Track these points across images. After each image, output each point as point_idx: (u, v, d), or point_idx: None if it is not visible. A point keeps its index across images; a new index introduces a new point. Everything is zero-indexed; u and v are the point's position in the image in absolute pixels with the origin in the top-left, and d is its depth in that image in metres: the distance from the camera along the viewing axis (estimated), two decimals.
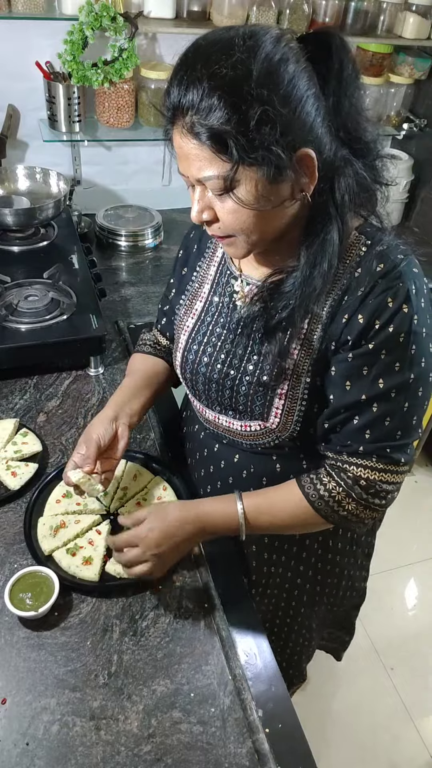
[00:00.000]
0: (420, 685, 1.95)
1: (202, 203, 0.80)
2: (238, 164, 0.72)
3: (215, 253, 1.03)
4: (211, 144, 0.72)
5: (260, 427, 0.95)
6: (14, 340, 1.32)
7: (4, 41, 1.71)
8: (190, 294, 1.04)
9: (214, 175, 0.74)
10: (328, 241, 0.82)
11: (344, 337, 0.84)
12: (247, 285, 0.95)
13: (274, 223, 0.81)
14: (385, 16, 1.94)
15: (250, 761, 0.79)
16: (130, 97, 1.84)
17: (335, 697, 1.88)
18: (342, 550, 1.14)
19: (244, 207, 0.76)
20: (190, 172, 0.77)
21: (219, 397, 0.98)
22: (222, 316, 0.98)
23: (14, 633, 0.89)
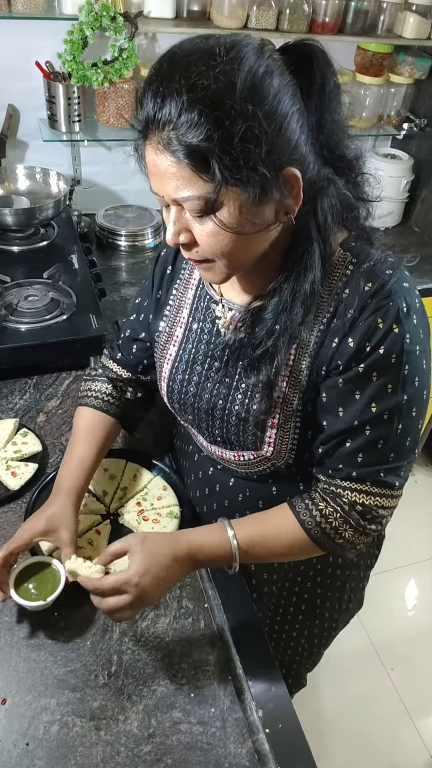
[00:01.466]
0: (420, 685, 1.95)
1: (178, 225, 0.74)
2: (220, 185, 0.67)
3: (192, 275, 0.97)
4: (190, 162, 0.66)
5: (254, 456, 0.93)
6: (14, 340, 1.32)
7: (4, 41, 1.71)
8: (169, 320, 0.99)
9: (193, 195, 0.69)
10: (310, 266, 0.78)
11: (335, 362, 0.80)
12: (230, 310, 0.91)
13: (256, 247, 0.76)
14: (385, 16, 1.94)
15: (250, 761, 0.79)
16: (130, 97, 1.84)
17: (335, 697, 1.88)
18: (343, 564, 1.13)
19: (226, 230, 0.71)
20: (166, 192, 0.71)
21: (209, 427, 0.94)
22: (203, 344, 0.94)
23: (14, 633, 0.89)
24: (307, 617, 1.19)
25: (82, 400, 1.08)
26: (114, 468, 1.12)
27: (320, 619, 1.21)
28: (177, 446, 1.20)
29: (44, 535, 0.91)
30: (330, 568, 1.12)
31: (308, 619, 1.19)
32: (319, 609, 1.18)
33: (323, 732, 1.77)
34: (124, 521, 1.05)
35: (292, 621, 1.19)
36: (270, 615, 1.17)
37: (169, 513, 1.05)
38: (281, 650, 1.24)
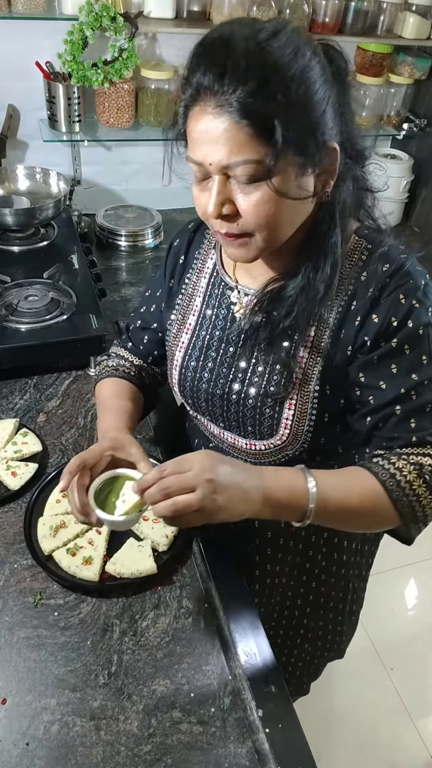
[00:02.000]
0: (420, 685, 1.95)
1: (222, 195, 0.74)
2: (281, 149, 0.69)
3: (204, 264, 1.00)
4: (251, 125, 0.68)
5: (265, 446, 0.94)
6: (14, 340, 1.32)
7: (4, 41, 1.71)
8: (182, 308, 1.00)
9: (249, 159, 0.70)
10: (330, 245, 0.81)
11: (361, 339, 0.84)
12: (245, 296, 0.93)
13: (294, 220, 0.79)
14: (385, 16, 1.95)
15: (250, 761, 0.79)
16: (130, 97, 1.84)
17: (335, 697, 1.88)
18: (347, 562, 1.13)
19: (279, 195, 0.72)
20: (217, 157, 0.71)
21: (224, 412, 0.95)
22: (218, 330, 0.95)
23: (14, 633, 0.89)
24: (312, 619, 1.19)
25: (100, 376, 1.09)
26: None
27: (324, 621, 1.21)
28: (183, 441, 1.20)
29: (113, 450, 0.87)
30: (335, 566, 1.12)
31: (312, 621, 1.19)
32: (323, 610, 1.18)
33: (323, 732, 1.77)
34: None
35: (296, 626, 1.19)
36: (276, 617, 1.16)
37: None
38: (285, 655, 1.23)
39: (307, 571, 1.11)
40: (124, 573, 0.95)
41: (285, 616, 1.17)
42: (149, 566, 0.96)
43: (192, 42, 0.74)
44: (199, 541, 1.04)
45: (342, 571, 1.14)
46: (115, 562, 0.97)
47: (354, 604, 1.23)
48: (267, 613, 1.15)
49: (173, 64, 1.87)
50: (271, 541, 1.08)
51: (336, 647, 1.30)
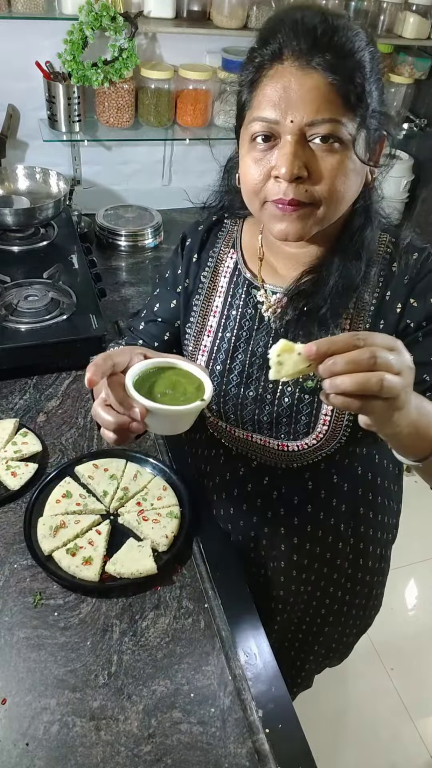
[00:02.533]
0: (420, 685, 1.95)
1: (299, 157, 0.72)
2: (367, 116, 0.73)
3: (223, 262, 0.97)
4: (345, 86, 0.70)
5: (299, 447, 0.93)
6: (14, 340, 1.32)
7: (4, 41, 1.71)
8: (200, 309, 0.98)
9: (336, 119, 0.71)
10: (365, 237, 0.84)
11: (403, 324, 0.86)
12: (273, 294, 0.92)
13: (351, 198, 0.79)
14: (385, 16, 1.95)
15: (250, 761, 0.79)
16: (130, 96, 1.84)
17: (335, 697, 1.88)
18: (372, 568, 1.13)
19: (357, 165, 0.75)
20: (299, 114, 0.70)
21: (256, 415, 0.93)
22: (244, 330, 0.94)
23: (14, 633, 0.89)
24: (332, 626, 1.19)
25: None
26: (114, 468, 1.12)
27: (344, 626, 1.21)
28: (190, 452, 1.17)
29: (150, 354, 0.74)
30: (360, 572, 1.12)
31: (332, 627, 1.19)
32: (344, 616, 1.18)
33: (323, 732, 1.77)
34: (124, 521, 1.05)
35: (317, 632, 1.19)
36: (296, 623, 1.16)
37: (169, 513, 1.05)
38: (303, 655, 1.23)
39: (333, 581, 1.10)
40: (124, 573, 0.95)
41: (307, 622, 1.16)
42: (149, 566, 0.96)
43: (192, 42, 0.75)
44: (199, 541, 1.04)
45: (367, 578, 1.14)
46: (115, 562, 0.97)
47: (374, 610, 1.24)
48: (289, 620, 1.14)
49: (173, 64, 1.87)
50: (298, 546, 1.06)
51: (348, 646, 1.31)
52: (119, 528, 1.04)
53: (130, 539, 1.01)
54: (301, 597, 1.12)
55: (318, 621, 1.17)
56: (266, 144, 0.75)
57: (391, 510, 1.13)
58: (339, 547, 1.07)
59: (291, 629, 1.17)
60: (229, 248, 0.99)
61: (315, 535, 1.05)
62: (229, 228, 1.01)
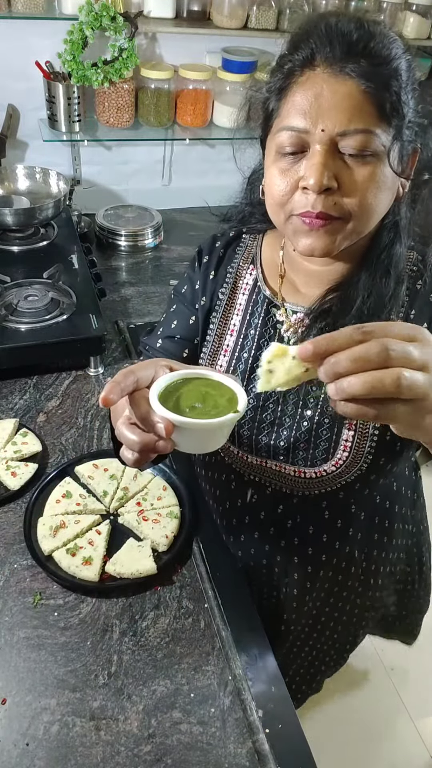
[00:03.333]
0: (420, 685, 1.95)
1: (330, 167, 0.68)
2: (403, 128, 0.69)
3: (241, 278, 0.93)
4: (380, 95, 0.66)
5: (317, 474, 0.89)
6: (14, 340, 1.31)
7: (4, 41, 1.71)
8: (216, 327, 0.93)
9: (370, 129, 0.67)
10: (395, 253, 0.79)
11: None
12: (294, 314, 0.87)
13: (384, 210, 0.75)
14: (385, 16, 1.94)
15: (250, 761, 0.79)
16: (130, 96, 1.84)
17: (335, 697, 1.88)
18: (382, 586, 1.13)
19: (389, 179, 0.71)
20: (331, 123, 0.66)
21: (271, 440, 0.89)
22: (263, 351, 0.90)
23: (14, 633, 0.89)
24: (342, 634, 1.19)
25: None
26: (114, 468, 1.12)
27: (356, 627, 1.21)
28: (200, 473, 1.14)
29: (175, 365, 0.65)
30: (370, 591, 1.12)
31: (342, 635, 1.19)
32: (353, 627, 1.18)
33: (323, 732, 1.77)
34: (124, 521, 1.05)
35: (327, 638, 1.19)
36: (307, 631, 1.15)
37: (169, 513, 1.05)
38: (316, 663, 1.23)
39: (342, 597, 1.10)
40: (124, 573, 0.95)
41: (318, 630, 1.16)
42: (149, 566, 0.96)
43: (192, 42, 0.74)
44: (199, 541, 1.04)
45: (377, 594, 1.14)
46: (115, 562, 0.97)
47: (379, 617, 1.25)
48: (299, 624, 1.14)
49: (173, 64, 1.87)
50: (312, 575, 1.05)
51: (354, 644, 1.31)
52: (119, 528, 1.04)
53: (130, 539, 1.01)
54: (312, 617, 1.12)
55: (327, 633, 1.17)
56: (293, 156, 0.71)
57: (406, 532, 1.12)
58: (351, 571, 1.06)
59: (301, 645, 1.17)
60: (248, 264, 0.94)
61: (329, 562, 1.03)
62: (248, 243, 0.96)
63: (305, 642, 1.17)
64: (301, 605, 1.08)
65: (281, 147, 0.71)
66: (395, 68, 0.68)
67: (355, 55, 0.66)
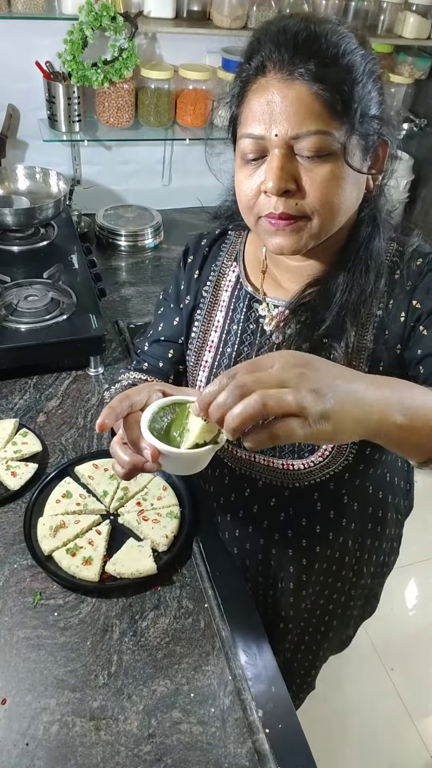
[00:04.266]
0: (420, 685, 1.95)
1: (285, 170, 0.70)
2: (354, 127, 0.69)
3: (224, 276, 0.95)
4: (330, 98, 0.67)
5: (304, 466, 0.91)
6: (14, 340, 1.32)
7: (4, 41, 1.71)
8: (201, 324, 0.96)
9: (323, 130, 0.68)
10: (374, 247, 0.80)
11: (408, 327, 0.83)
12: (275, 308, 0.89)
13: (348, 210, 0.76)
14: (385, 16, 1.95)
15: (250, 761, 0.79)
16: (130, 96, 1.84)
17: (335, 697, 1.88)
18: (373, 573, 1.15)
19: (352, 173, 0.72)
20: (284, 127, 0.69)
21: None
22: (245, 345, 0.91)
23: (14, 633, 0.89)
24: (336, 630, 1.20)
25: (114, 395, 0.97)
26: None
27: (345, 626, 1.22)
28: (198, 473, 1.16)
29: (167, 388, 0.73)
30: (362, 579, 1.13)
31: (335, 630, 1.20)
32: (347, 618, 1.20)
33: (323, 732, 1.77)
34: (124, 521, 1.05)
35: (321, 639, 1.20)
36: (303, 635, 1.16)
37: (169, 513, 1.05)
38: (307, 663, 1.24)
39: (337, 588, 1.11)
40: (124, 573, 0.95)
41: (312, 627, 1.17)
42: (149, 566, 0.96)
43: (192, 42, 0.75)
44: (199, 541, 1.04)
45: (368, 582, 1.15)
46: (115, 562, 0.97)
47: (375, 601, 1.27)
48: (297, 633, 1.15)
49: (173, 64, 1.87)
50: (307, 567, 1.06)
51: (350, 637, 1.32)
52: (119, 528, 1.04)
53: (130, 539, 1.01)
54: (308, 611, 1.12)
55: (322, 629, 1.18)
56: (254, 162, 0.73)
57: (397, 522, 1.14)
58: (345, 560, 1.07)
59: (299, 641, 1.17)
60: (231, 261, 0.97)
61: (323, 554, 1.05)
62: (232, 240, 0.99)
63: (302, 637, 1.17)
64: (298, 598, 1.09)
65: (244, 154, 0.74)
66: (346, 65, 0.69)
67: (303, 57, 0.68)
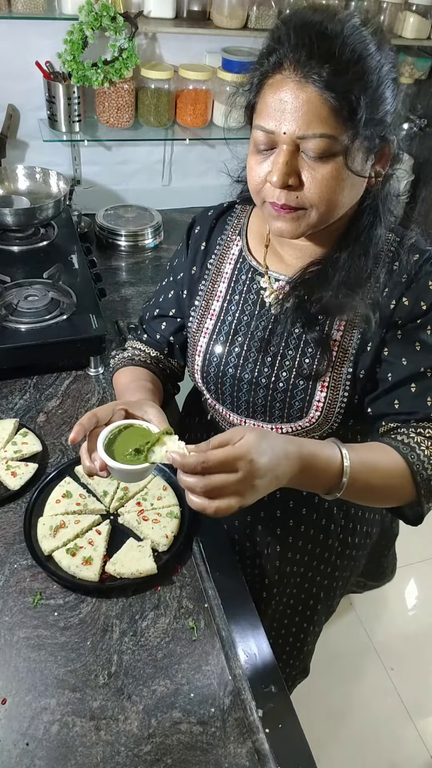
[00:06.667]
0: (420, 685, 1.95)
1: (290, 166, 0.76)
2: (359, 130, 0.73)
3: (229, 249, 1.01)
4: (336, 99, 0.70)
5: (292, 429, 0.95)
6: (14, 340, 1.31)
7: (4, 41, 1.71)
8: (205, 294, 1.01)
9: (327, 133, 0.72)
10: (374, 236, 0.85)
11: (394, 320, 0.87)
12: (276, 281, 0.95)
13: (347, 203, 0.81)
14: (385, 16, 1.95)
15: (250, 761, 0.79)
16: (130, 96, 1.84)
17: (335, 697, 1.88)
18: (358, 545, 1.18)
19: (348, 172, 0.75)
20: (292, 127, 0.73)
21: (251, 398, 0.96)
22: (246, 315, 0.97)
23: (14, 633, 0.89)
24: (322, 602, 1.22)
25: (116, 367, 1.08)
26: None
27: (332, 598, 1.25)
28: (195, 438, 1.19)
29: (127, 406, 0.85)
30: (348, 549, 1.16)
31: (322, 603, 1.23)
32: (333, 590, 1.22)
33: (323, 732, 1.77)
34: (124, 521, 1.05)
35: (311, 614, 1.22)
36: (291, 605, 1.19)
37: (169, 513, 1.05)
38: (298, 644, 1.27)
39: (323, 559, 1.14)
40: (124, 573, 0.95)
41: (300, 603, 1.19)
42: (149, 566, 0.96)
43: (192, 42, 0.75)
44: (199, 541, 1.04)
45: (353, 553, 1.18)
46: (115, 562, 0.97)
47: (356, 572, 1.28)
48: (283, 603, 1.17)
49: (173, 64, 1.87)
50: (293, 529, 1.10)
51: (334, 607, 1.34)
52: (119, 528, 1.04)
53: (130, 539, 1.01)
54: (295, 579, 1.15)
55: (311, 603, 1.20)
56: (266, 151, 0.78)
57: None
58: (331, 528, 1.11)
59: (287, 612, 1.19)
60: (235, 236, 1.01)
61: (309, 517, 1.09)
62: (237, 214, 1.04)
63: (288, 606, 1.19)
64: (284, 562, 1.12)
65: (257, 143, 0.78)
66: (360, 70, 0.72)
67: (318, 59, 0.70)
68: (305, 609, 1.21)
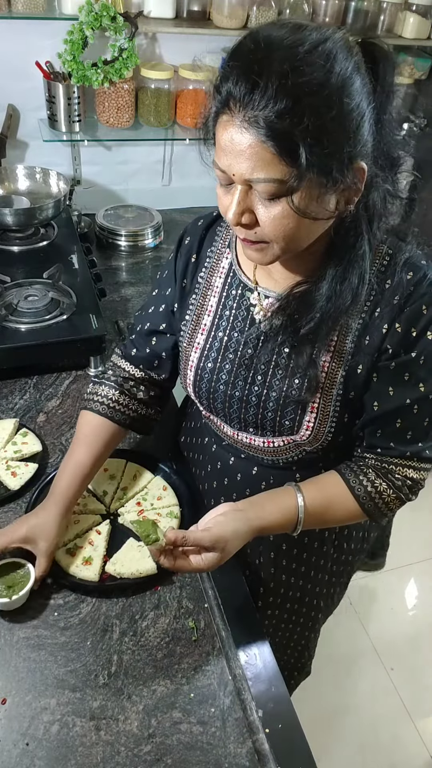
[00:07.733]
0: (420, 685, 1.95)
1: (243, 205, 0.74)
2: (304, 171, 0.68)
3: (219, 262, 0.98)
4: (276, 145, 0.67)
5: (284, 443, 0.94)
6: (14, 340, 1.32)
7: (4, 41, 1.71)
8: (196, 308, 0.98)
9: (270, 178, 0.69)
10: (360, 255, 0.81)
11: (385, 346, 0.85)
12: (266, 298, 0.92)
13: (314, 233, 0.78)
14: (385, 16, 1.95)
15: (250, 761, 0.79)
16: (130, 96, 1.84)
17: (335, 697, 1.88)
18: (354, 550, 1.16)
19: (297, 214, 0.72)
20: (238, 170, 0.71)
21: (242, 414, 0.95)
22: (236, 331, 0.94)
23: (14, 633, 0.89)
24: (322, 611, 1.22)
25: (87, 404, 1.05)
26: (114, 468, 1.12)
27: (331, 601, 1.24)
28: (185, 442, 1.20)
29: (23, 542, 0.93)
30: (343, 555, 1.15)
31: (321, 612, 1.22)
32: (330, 597, 1.21)
33: (323, 732, 1.77)
34: (124, 521, 1.05)
35: (313, 619, 1.21)
36: (289, 610, 1.18)
37: (169, 513, 1.05)
38: (300, 648, 1.26)
39: (320, 567, 1.13)
40: (124, 573, 0.95)
41: (298, 609, 1.18)
42: (149, 566, 0.96)
43: (192, 42, 0.73)
44: None
45: (349, 558, 1.17)
46: (115, 562, 0.97)
47: (353, 568, 1.27)
48: (283, 610, 1.17)
49: (173, 64, 1.87)
50: (286, 536, 1.07)
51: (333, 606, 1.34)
52: (119, 528, 1.04)
53: (130, 539, 1.01)
54: (290, 587, 1.14)
55: (308, 611, 1.19)
56: (227, 184, 0.76)
57: None
58: (325, 535, 1.09)
59: (284, 618, 1.18)
60: (225, 247, 0.99)
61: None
62: (226, 225, 1.00)
63: (285, 611, 1.18)
64: (280, 571, 1.11)
65: (218, 177, 0.76)
66: (311, 105, 0.66)
67: (261, 99, 0.66)
68: (303, 616, 1.19)
